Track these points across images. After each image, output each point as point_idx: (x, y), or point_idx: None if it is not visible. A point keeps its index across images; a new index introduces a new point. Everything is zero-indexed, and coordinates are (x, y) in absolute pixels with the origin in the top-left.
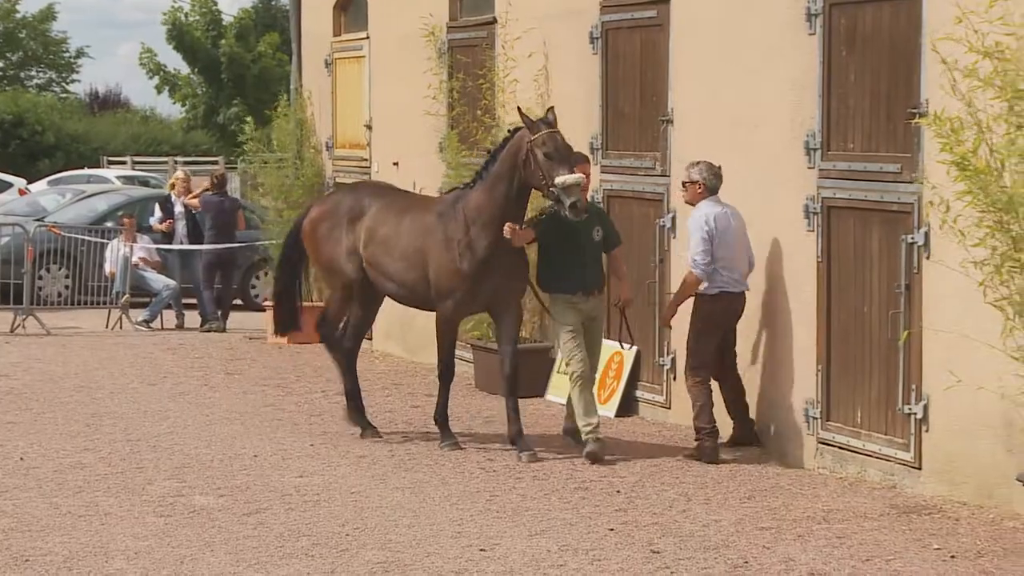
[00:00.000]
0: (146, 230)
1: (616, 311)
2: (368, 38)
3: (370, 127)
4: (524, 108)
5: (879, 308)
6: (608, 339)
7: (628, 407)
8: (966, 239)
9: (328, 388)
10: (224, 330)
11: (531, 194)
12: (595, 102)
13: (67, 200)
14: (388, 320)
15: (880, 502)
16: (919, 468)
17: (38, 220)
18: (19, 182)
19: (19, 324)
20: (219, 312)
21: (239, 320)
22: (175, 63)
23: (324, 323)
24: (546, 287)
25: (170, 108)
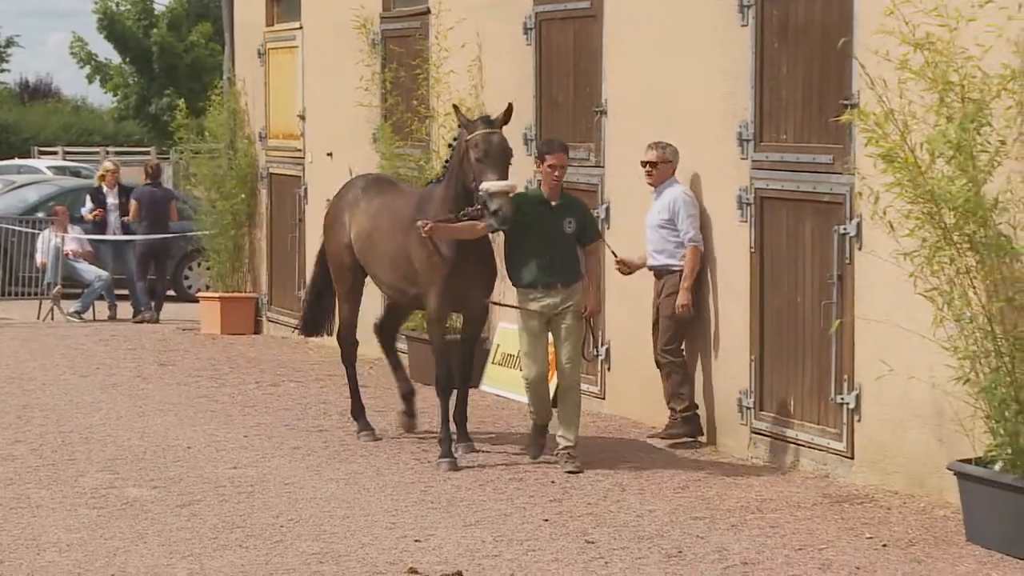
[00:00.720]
0: (78, 220)
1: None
2: (301, 28)
3: (304, 117)
4: (459, 102)
5: (812, 298)
6: None
7: None
8: (896, 231)
9: (262, 379)
10: (157, 321)
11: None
12: (529, 93)
13: None
14: None
15: (813, 491)
16: (851, 458)
17: None
18: None
19: None
20: (152, 303)
21: (172, 311)
22: (107, 52)
23: (344, 337)
24: (510, 279)
25: (102, 98)
